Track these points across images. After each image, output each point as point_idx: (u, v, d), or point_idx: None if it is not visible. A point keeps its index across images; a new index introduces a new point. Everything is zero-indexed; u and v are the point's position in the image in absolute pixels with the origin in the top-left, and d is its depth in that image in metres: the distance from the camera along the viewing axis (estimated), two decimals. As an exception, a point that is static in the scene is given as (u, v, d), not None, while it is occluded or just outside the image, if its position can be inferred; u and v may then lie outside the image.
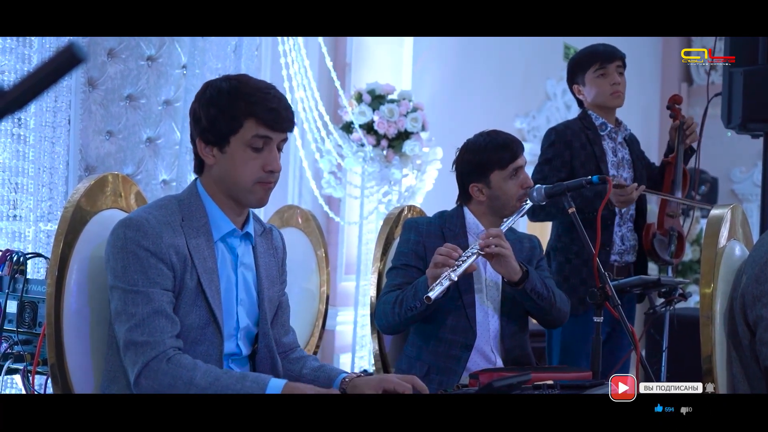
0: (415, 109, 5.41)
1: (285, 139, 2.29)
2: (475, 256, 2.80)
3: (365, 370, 2.43)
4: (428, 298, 2.68)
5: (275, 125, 2.23)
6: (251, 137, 2.21)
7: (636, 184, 3.67)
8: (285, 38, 4.99)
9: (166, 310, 2.16)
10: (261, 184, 2.26)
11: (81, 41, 3.70)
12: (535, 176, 3.76)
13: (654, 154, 6.30)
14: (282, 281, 2.53)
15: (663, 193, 3.97)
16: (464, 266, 2.74)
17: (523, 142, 3.17)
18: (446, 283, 2.70)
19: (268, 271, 2.44)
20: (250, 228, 2.39)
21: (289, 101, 2.35)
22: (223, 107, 2.21)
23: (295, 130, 4.57)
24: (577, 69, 3.94)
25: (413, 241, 3.08)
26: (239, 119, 2.20)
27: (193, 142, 2.30)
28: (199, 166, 2.33)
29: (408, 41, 6.19)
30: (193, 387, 2.07)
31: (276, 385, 2.06)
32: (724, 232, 2.66)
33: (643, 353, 2.80)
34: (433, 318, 2.99)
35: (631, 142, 4.00)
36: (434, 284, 2.71)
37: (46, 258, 2.77)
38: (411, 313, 2.89)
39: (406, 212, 3.50)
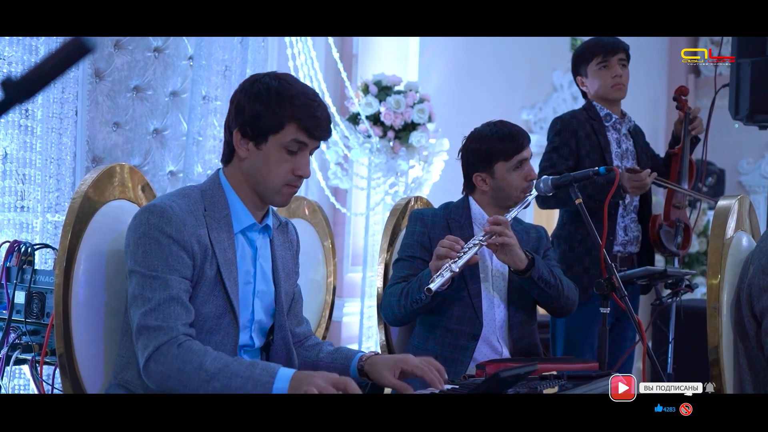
0: (421, 101, 5.41)
1: (317, 146, 2.32)
2: (477, 247, 2.80)
3: (376, 353, 2.43)
4: (429, 290, 2.68)
5: (314, 133, 2.26)
6: (289, 140, 2.24)
7: (649, 170, 3.68)
8: (292, 31, 4.99)
9: (182, 298, 2.16)
10: (289, 186, 2.29)
11: (88, 32, 3.70)
12: (543, 164, 3.77)
13: (661, 145, 6.29)
14: (296, 272, 2.55)
15: (674, 184, 3.97)
16: (466, 257, 2.74)
17: (530, 134, 3.16)
18: (447, 275, 2.70)
19: (285, 264, 2.46)
20: (270, 221, 2.40)
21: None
22: (269, 105, 2.23)
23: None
24: (580, 61, 3.97)
25: (419, 233, 3.08)
26: (282, 120, 2.23)
27: (229, 131, 2.31)
28: (228, 156, 2.34)
29: (414, 33, 6.19)
30: (203, 372, 2.06)
31: (285, 374, 2.05)
32: (732, 223, 2.66)
33: (650, 344, 2.80)
34: (439, 309, 3.00)
35: (636, 133, 4.00)
36: (435, 276, 2.71)
37: (53, 249, 2.78)
38: (416, 305, 2.89)
39: (412, 203, 3.50)
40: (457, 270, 2.72)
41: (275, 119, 2.23)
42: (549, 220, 4.04)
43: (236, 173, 2.32)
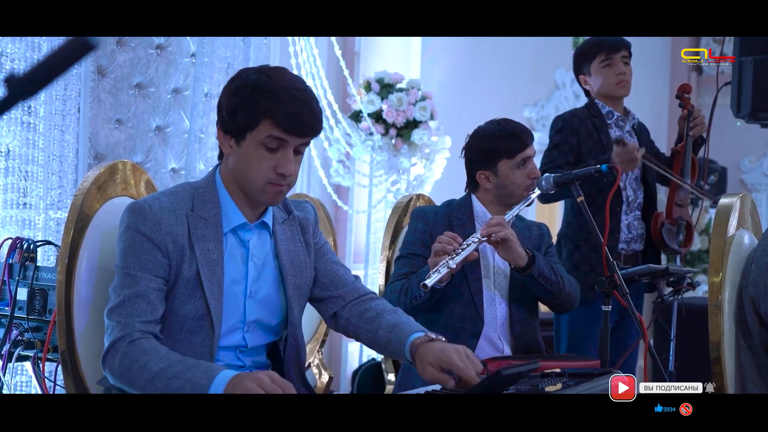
0: (423, 98, 5.41)
1: (305, 143, 2.22)
2: (476, 244, 2.81)
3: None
4: (424, 285, 2.69)
5: (292, 130, 2.15)
6: (265, 137, 2.15)
7: (637, 145, 3.69)
8: (294, 28, 4.99)
9: (149, 296, 2.14)
10: (272, 185, 2.20)
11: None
12: (543, 161, 3.77)
13: (663, 143, 6.28)
14: (310, 257, 2.44)
15: (665, 169, 3.96)
16: (463, 254, 2.75)
17: (532, 132, 3.17)
18: (443, 271, 2.70)
19: (293, 258, 2.38)
20: (268, 218, 2.34)
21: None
22: (244, 101, 2.15)
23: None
24: (583, 59, 3.97)
25: (420, 230, 3.09)
26: (257, 117, 2.14)
27: (217, 127, 2.27)
28: (220, 153, 2.31)
29: (417, 30, 6.18)
30: (146, 371, 2.04)
31: (222, 379, 1.99)
32: (734, 221, 2.67)
33: (652, 342, 2.80)
34: (440, 306, 3.00)
35: (640, 131, 4.01)
36: (431, 272, 2.72)
37: (56, 245, 2.79)
38: (416, 302, 2.89)
39: (414, 201, 3.50)
40: (454, 266, 2.72)
41: (250, 115, 2.15)
42: (551, 217, 4.04)
43: (226, 171, 2.28)
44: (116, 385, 2.14)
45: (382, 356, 3.33)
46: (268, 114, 2.14)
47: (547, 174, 3.03)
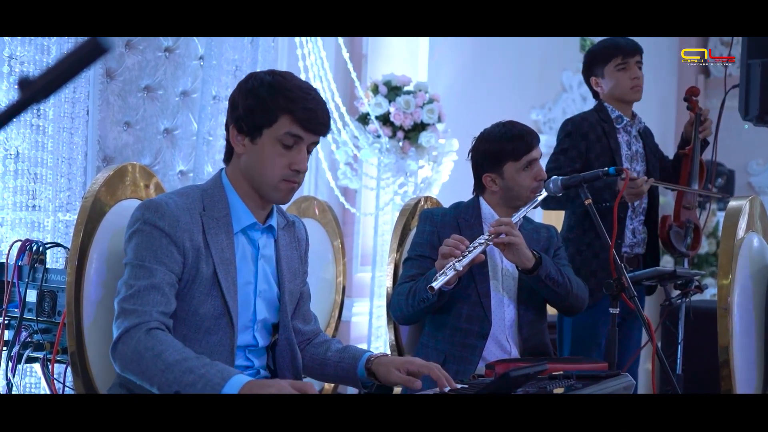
0: (431, 101, 5.41)
1: (316, 142, 2.30)
2: (483, 246, 2.81)
3: (384, 354, 2.43)
4: (431, 288, 2.70)
5: (309, 126, 2.23)
6: (283, 133, 2.22)
7: (645, 177, 3.68)
8: (301, 30, 4.99)
9: (164, 288, 2.16)
10: (286, 182, 2.26)
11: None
12: (549, 165, 3.77)
13: (671, 146, 6.26)
14: (303, 272, 2.54)
15: (672, 185, 3.97)
16: (471, 256, 2.75)
17: (539, 134, 3.16)
18: (450, 273, 2.71)
19: (290, 264, 2.44)
20: (273, 221, 2.39)
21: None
22: (262, 99, 2.22)
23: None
24: (597, 61, 3.94)
25: (428, 232, 3.09)
26: (275, 113, 2.22)
27: (227, 129, 2.31)
28: (228, 155, 2.34)
29: (424, 32, 6.19)
30: (160, 361, 2.04)
31: (238, 381, 2.00)
32: (743, 224, 2.67)
33: (659, 345, 2.80)
34: (448, 307, 3.00)
35: (645, 135, 4.00)
36: (438, 274, 2.72)
37: (65, 248, 2.79)
38: (423, 304, 2.90)
39: (422, 203, 3.51)
40: (461, 269, 2.72)
41: (268, 112, 2.22)
42: (559, 219, 4.03)
43: (236, 171, 2.32)
44: (123, 374, 2.13)
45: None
46: (287, 110, 2.22)
47: (555, 176, 3.03)
